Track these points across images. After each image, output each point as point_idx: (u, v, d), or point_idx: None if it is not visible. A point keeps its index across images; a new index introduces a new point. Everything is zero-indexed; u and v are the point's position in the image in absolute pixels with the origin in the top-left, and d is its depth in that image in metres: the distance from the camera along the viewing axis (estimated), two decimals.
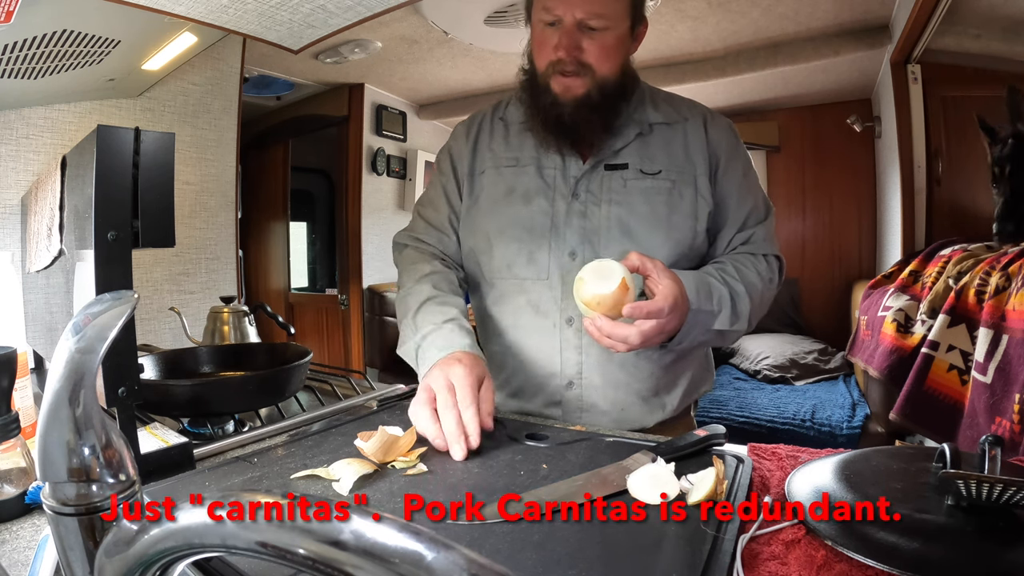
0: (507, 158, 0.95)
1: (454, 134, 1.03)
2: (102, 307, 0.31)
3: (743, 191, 0.93)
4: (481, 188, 0.96)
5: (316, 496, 0.22)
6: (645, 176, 0.89)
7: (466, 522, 0.52)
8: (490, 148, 0.97)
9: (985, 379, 1.16)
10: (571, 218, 0.89)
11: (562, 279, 0.88)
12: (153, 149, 0.62)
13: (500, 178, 0.94)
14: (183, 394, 0.81)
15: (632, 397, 0.91)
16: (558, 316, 0.89)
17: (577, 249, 0.88)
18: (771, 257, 0.93)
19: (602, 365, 0.89)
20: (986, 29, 1.86)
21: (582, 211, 0.89)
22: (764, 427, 2.25)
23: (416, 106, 3.40)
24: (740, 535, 0.49)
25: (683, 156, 0.91)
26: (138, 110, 1.73)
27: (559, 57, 0.84)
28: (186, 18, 1.15)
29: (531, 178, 0.92)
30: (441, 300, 0.87)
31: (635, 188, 0.89)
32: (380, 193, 3.28)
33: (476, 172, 0.97)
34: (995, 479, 0.45)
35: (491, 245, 0.93)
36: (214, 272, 1.96)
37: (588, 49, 0.84)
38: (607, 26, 0.83)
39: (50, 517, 0.28)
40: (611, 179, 0.90)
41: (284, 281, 3.53)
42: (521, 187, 0.92)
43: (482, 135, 0.99)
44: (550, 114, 0.88)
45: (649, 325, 0.74)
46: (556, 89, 0.87)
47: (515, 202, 0.92)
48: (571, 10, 0.82)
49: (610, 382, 0.90)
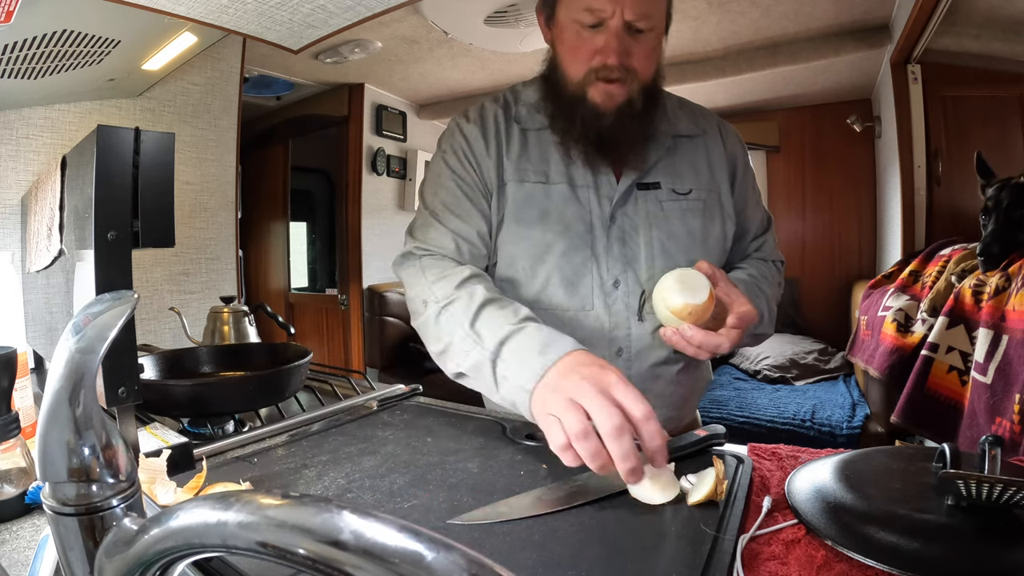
0: (532, 172, 0.85)
1: (466, 134, 0.87)
2: (102, 307, 0.31)
3: (754, 201, 0.94)
4: (506, 204, 0.85)
5: (316, 496, 0.22)
6: (679, 197, 0.86)
7: (466, 522, 0.52)
8: (509, 158, 0.86)
9: (985, 379, 1.16)
10: (611, 244, 0.84)
11: (608, 309, 0.83)
12: (153, 149, 0.62)
13: (528, 196, 0.84)
14: (183, 394, 0.81)
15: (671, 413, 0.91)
16: (606, 347, 0.84)
17: (620, 277, 0.83)
18: (778, 262, 0.95)
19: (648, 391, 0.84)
20: (986, 29, 1.86)
21: (620, 237, 0.84)
22: (764, 427, 2.25)
23: (416, 106, 3.40)
24: (740, 535, 0.49)
25: (707, 173, 0.89)
26: (138, 110, 1.73)
27: (605, 63, 0.77)
28: (186, 18, 1.15)
29: (564, 201, 0.84)
30: (502, 303, 0.72)
31: (671, 210, 0.86)
32: (380, 193, 3.28)
33: (498, 184, 0.85)
34: (995, 479, 0.45)
35: (526, 273, 0.84)
36: (214, 272, 1.96)
37: (635, 53, 0.78)
38: (652, 26, 0.78)
39: (50, 517, 0.28)
40: (647, 200, 0.85)
41: (284, 281, 3.53)
42: (555, 211, 0.83)
43: (500, 140, 0.87)
44: (590, 126, 0.80)
45: (737, 333, 0.74)
46: (596, 98, 0.79)
47: (550, 228, 0.83)
48: (620, 10, 0.74)
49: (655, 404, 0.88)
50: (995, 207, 1.40)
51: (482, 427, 0.78)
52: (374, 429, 0.79)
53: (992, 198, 1.42)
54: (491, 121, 0.88)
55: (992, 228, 1.38)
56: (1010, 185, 1.39)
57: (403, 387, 0.99)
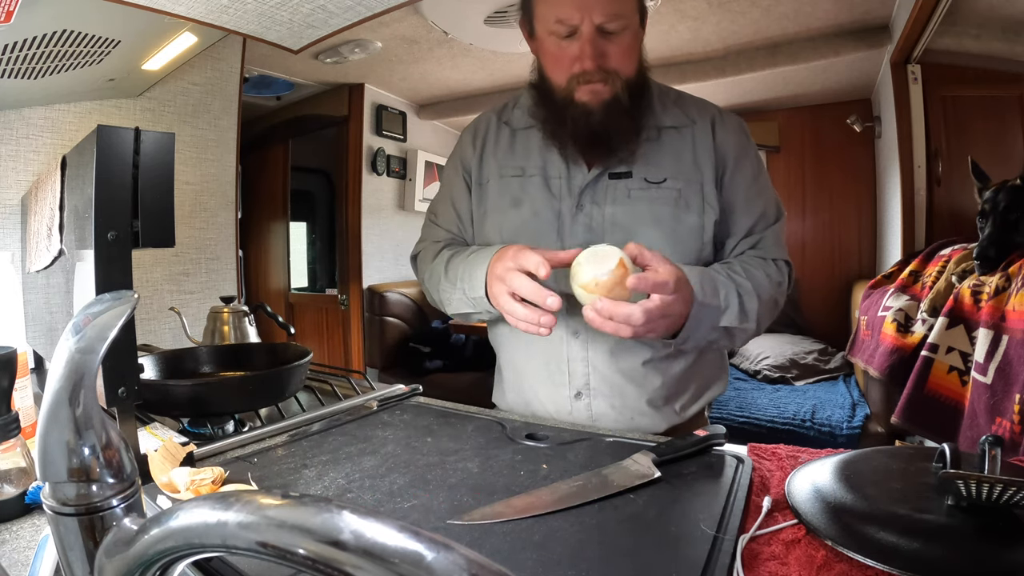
0: (512, 167, 0.94)
1: (460, 142, 1.02)
2: (102, 307, 0.31)
3: (752, 195, 0.90)
4: (487, 198, 0.95)
5: (316, 496, 0.22)
6: (649, 185, 0.87)
7: (466, 522, 0.52)
8: (495, 156, 0.96)
9: (985, 379, 1.16)
10: (576, 230, 0.88)
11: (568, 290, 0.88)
12: (153, 149, 0.62)
13: (506, 188, 0.93)
14: (183, 394, 0.81)
15: (642, 405, 0.90)
16: (564, 329, 0.89)
17: None
18: (780, 261, 0.91)
19: (609, 376, 0.89)
20: (986, 29, 1.86)
21: (587, 223, 0.88)
22: (764, 427, 2.25)
23: (416, 106, 3.40)
24: (740, 535, 0.49)
25: (691, 163, 0.88)
26: (138, 110, 1.73)
27: (584, 69, 0.81)
28: (186, 18, 1.15)
29: (537, 188, 0.91)
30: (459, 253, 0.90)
31: (639, 198, 0.87)
32: (380, 193, 3.28)
33: (483, 181, 0.96)
34: (995, 479, 0.45)
35: None
36: (214, 272, 1.96)
37: (611, 54, 0.81)
38: (625, 25, 0.80)
39: (50, 517, 0.28)
40: (615, 189, 0.88)
41: (284, 281, 3.53)
42: (527, 198, 0.91)
43: (488, 143, 0.98)
44: (580, 124, 0.84)
45: (654, 304, 0.69)
46: (583, 97, 0.83)
47: (521, 213, 0.91)
48: (588, 15, 0.78)
49: (617, 392, 0.89)
50: (992, 210, 1.39)
51: (482, 427, 0.78)
52: (374, 429, 0.79)
53: (989, 200, 1.41)
54: (482, 125, 1.00)
55: (989, 231, 1.37)
56: (1006, 188, 1.39)
57: (403, 387, 0.99)
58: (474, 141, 0.99)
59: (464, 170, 0.99)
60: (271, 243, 3.52)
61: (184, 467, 0.61)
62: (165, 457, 0.63)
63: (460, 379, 2.84)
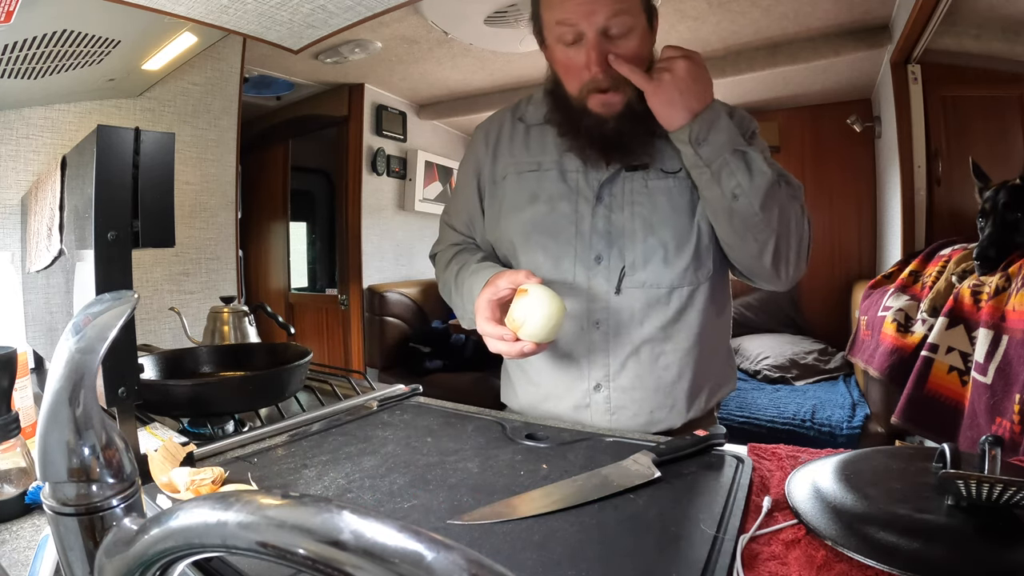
0: (528, 162, 0.94)
1: (473, 140, 1.02)
2: (102, 307, 0.31)
3: None
4: (504, 194, 0.95)
5: (316, 496, 0.22)
6: (666, 175, 0.88)
7: (466, 522, 0.52)
8: (510, 153, 0.96)
9: (985, 379, 1.16)
10: (596, 222, 0.88)
11: (588, 283, 0.88)
12: (153, 149, 0.62)
13: (522, 183, 0.93)
14: (183, 394, 0.81)
15: (660, 398, 0.90)
16: (586, 320, 0.89)
17: (603, 253, 0.88)
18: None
19: (629, 367, 0.89)
20: (986, 29, 1.86)
21: (606, 215, 0.88)
22: (764, 427, 2.25)
23: (416, 106, 3.40)
24: (740, 535, 0.49)
25: None
26: (138, 110, 1.73)
27: (593, 76, 0.81)
28: (186, 18, 1.15)
29: (553, 183, 0.91)
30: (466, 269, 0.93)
31: (657, 188, 0.88)
32: (380, 193, 3.28)
33: (498, 178, 0.97)
34: (995, 479, 0.45)
35: (516, 251, 0.93)
36: (214, 272, 1.96)
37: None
38: (631, 27, 0.79)
39: (50, 517, 0.28)
40: (633, 181, 0.88)
41: (284, 281, 3.53)
42: (544, 192, 0.91)
43: (502, 139, 0.98)
44: (595, 133, 0.85)
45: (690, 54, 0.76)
46: (596, 108, 0.84)
47: (539, 207, 0.91)
48: (592, 19, 0.77)
49: (638, 384, 0.89)
50: (992, 209, 1.40)
51: (482, 427, 0.79)
52: (374, 429, 0.79)
53: (989, 200, 1.41)
54: (495, 123, 1.00)
55: (989, 231, 1.37)
56: (1006, 187, 1.39)
57: (403, 387, 0.99)
58: (487, 139, 0.99)
59: (477, 170, 1.00)
60: (271, 243, 3.52)
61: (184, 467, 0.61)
62: (165, 457, 0.63)
63: (460, 379, 2.84)
